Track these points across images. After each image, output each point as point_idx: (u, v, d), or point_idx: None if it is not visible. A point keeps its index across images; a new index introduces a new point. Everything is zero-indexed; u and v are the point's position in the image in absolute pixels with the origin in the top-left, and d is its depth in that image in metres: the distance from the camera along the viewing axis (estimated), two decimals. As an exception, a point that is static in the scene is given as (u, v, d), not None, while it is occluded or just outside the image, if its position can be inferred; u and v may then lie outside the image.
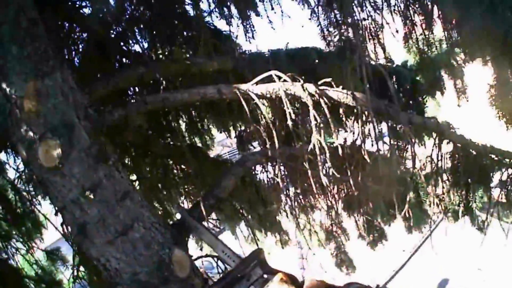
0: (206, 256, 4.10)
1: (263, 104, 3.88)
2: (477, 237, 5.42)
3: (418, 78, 4.92)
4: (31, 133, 3.09)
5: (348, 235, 6.26)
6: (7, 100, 3.07)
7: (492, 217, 4.85)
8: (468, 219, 5.18)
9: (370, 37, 4.35)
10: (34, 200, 4.87)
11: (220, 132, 5.78)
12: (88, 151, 3.18)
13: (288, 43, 4.89)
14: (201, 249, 5.62)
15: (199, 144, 5.64)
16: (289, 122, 3.62)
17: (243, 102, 3.68)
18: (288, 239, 6.31)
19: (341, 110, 3.92)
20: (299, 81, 3.71)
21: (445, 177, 4.51)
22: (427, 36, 4.57)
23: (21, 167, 4.73)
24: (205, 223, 4.09)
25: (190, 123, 5.40)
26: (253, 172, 5.02)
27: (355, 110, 3.87)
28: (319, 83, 3.73)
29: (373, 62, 4.32)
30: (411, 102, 4.94)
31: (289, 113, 3.59)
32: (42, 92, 3.07)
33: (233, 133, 5.74)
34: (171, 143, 5.13)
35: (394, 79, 4.80)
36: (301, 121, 4.11)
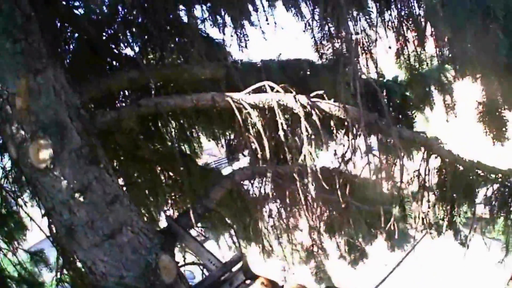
0: (192, 263, 4.07)
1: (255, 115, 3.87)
2: (459, 252, 5.45)
3: (408, 93, 4.96)
4: (22, 132, 3.04)
5: (328, 256, 6.27)
6: (-2, 95, 3.02)
7: (475, 233, 4.88)
8: (450, 233, 5.21)
9: (363, 51, 4.37)
10: (19, 200, 4.78)
11: (209, 140, 5.75)
12: (79, 153, 3.15)
13: (280, 54, 4.91)
14: (184, 258, 5.57)
15: (187, 152, 5.60)
16: (281, 133, 3.62)
17: (236, 111, 3.68)
18: (272, 250, 6.28)
19: (332, 123, 3.93)
20: (292, 92, 3.72)
21: (431, 191, 4.54)
22: (419, 52, 4.61)
23: (8, 166, 4.65)
24: (192, 231, 4.07)
25: (179, 129, 5.36)
26: (241, 185, 4.99)
27: (345, 123, 3.89)
28: (311, 95, 3.74)
29: (364, 76, 4.33)
30: (400, 116, 4.97)
31: (281, 123, 3.59)
32: (34, 90, 3.04)
33: (221, 142, 5.71)
34: (160, 148, 5.09)
35: (384, 94, 4.83)
36: (291, 133, 4.11)
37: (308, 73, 4.65)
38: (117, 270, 3.26)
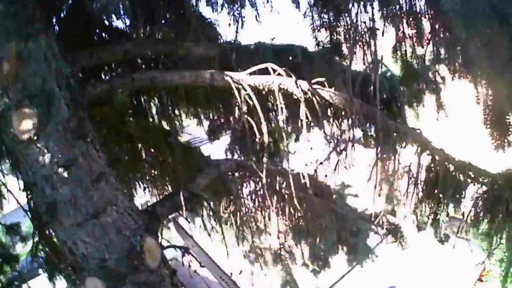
0: (174, 246, 3.81)
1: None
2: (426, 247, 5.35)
3: (401, 88, 4.74)
4: (6, 99, 2.76)
5: (295, 260, 6.11)
6: (-14, 59, 2.72)
7: (458, 233, 4.74)
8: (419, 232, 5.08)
9: (361, 43, 4.17)
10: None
11: (190, 119, 5.47)
12: (67, 125, 2.86)
13: (274, 38, 4.67)
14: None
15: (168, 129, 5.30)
16: (280, 118, 3.38)
17: (236, 92, 3.41)
18: (246, 238, 6.05)
19: (329, 112, 3.71)
20: (292, 77, 3.48)
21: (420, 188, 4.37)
22: (416, 49, 4.41)
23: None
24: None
25: (161, 106, 5.05)
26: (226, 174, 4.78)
27: (342, 113, 3.69)
28: (313, 81, 3.50)
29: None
30: (386, 110, 4.76)
31: (281, 108, 3.35)
32: (24, 56, 2.75)
33: (202, 121, 5.44)
34: (143, 125, 4.79)
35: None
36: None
37: (301, 59, 4.41)
38: (98, 252, 2.97)
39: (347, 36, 4.32)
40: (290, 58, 4.43)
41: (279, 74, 3.44)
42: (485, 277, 17.13)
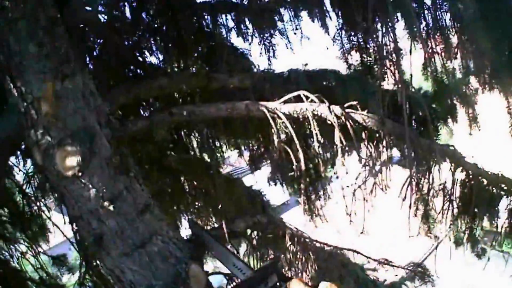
0: (219, 273, 3.72)
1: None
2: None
3: (433, 105, 4.58)
4: (48, 137, 2.71)
5: None
6: (22, 100, 2.68)
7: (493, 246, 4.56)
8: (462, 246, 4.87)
9: (390, 62, 4.05)
10: (41, 204, 4.44)
11: (231, 150, 5.40)
12: (109, 161, 2.82)
13: (306, 64, 4.60)
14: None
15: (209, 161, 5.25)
16: (316, 144, 3.29)
17: (271, 121, 3.34)
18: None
19: (363, 135, 3.59)
20: (325, 103, 3.39)
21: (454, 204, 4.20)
22: (446, 64, 4.25)
23: (30, 170, 4.30)
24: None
25: (201, 139, 5.00)
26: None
27: (377, 135, 3.58)
28: (345, 105, 3.40)
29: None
30: (422, 128, 4.62)
31: (316, 134, 3.25)
32: (61, 95, 2.71)
33: (242, 152, 5.37)
34: (184, 158, 4.73)
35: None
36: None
37: (334, 83, 4.31)
38: (146, 279, 2.92)
39: (377, 56, 4.22)
40: (324, 82, 4.36)
41: (312, 101, 3.36)
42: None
